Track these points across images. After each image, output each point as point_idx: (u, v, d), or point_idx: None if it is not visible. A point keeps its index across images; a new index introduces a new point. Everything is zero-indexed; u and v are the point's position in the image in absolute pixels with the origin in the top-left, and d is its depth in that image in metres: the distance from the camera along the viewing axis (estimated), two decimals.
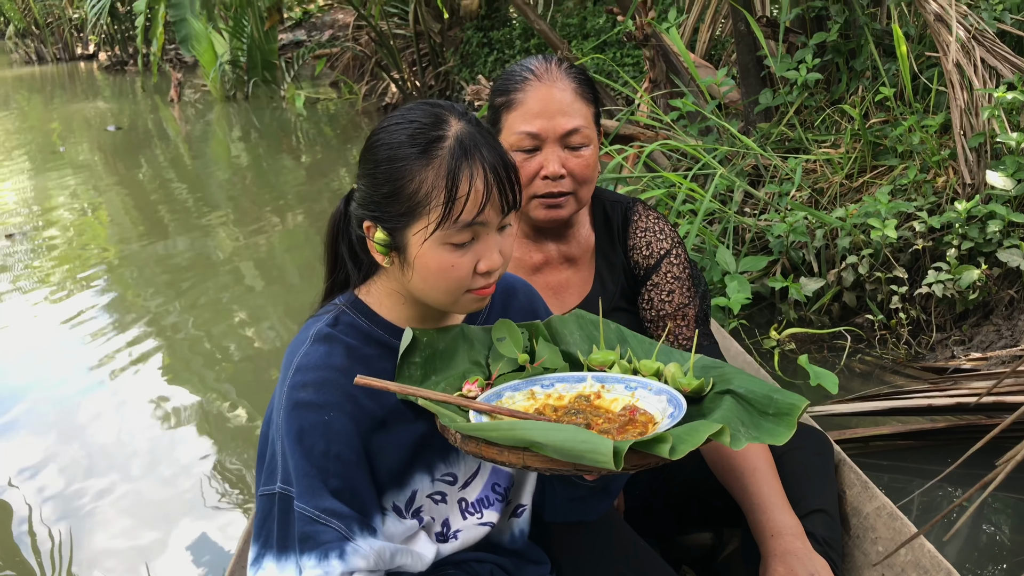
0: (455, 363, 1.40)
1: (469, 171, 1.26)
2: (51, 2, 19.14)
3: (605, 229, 1.96)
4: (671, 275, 1.91)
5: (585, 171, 1.81)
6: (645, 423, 1.26)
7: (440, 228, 1.27)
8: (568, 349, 1.46)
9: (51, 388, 3.91)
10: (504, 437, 1.14)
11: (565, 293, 1.96)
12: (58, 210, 7.21)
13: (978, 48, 3.65)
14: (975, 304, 3.37)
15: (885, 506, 1.81)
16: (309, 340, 1.36)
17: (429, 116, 1.30)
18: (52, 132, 11.34)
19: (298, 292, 4.91)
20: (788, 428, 1.21)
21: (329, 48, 12.48)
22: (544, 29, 6.04)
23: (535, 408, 1.33)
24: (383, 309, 1.41)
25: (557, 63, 1.85)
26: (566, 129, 1.79)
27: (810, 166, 4.24)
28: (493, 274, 1.32)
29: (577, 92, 1.82)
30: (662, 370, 1.37)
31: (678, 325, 1.89)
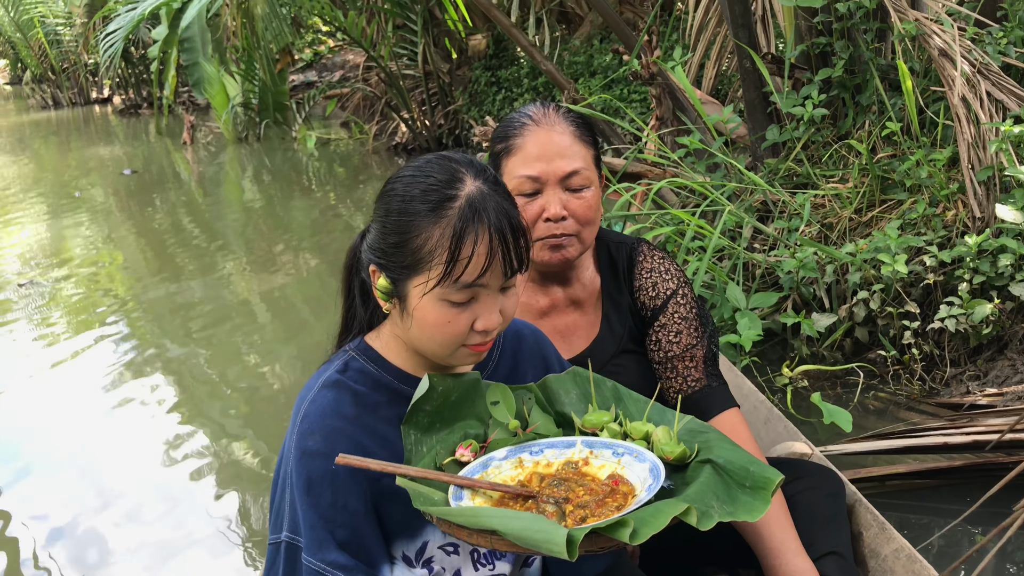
0: (461, 415, 1.41)
1: (474, 234, 1.26)
2: (67, 48, 19.45)
3: (610, 271, 1.97)
4: (678, 315, 1.91)
5: (587, 212, 1.83)
6: (626, 494, 1.27)
7: (440, 286, 1.28)
8: (563, 410, 1.47)
9: (65, 430, 3.92)
10: (469, 523, 1.16)
11: (572, 336, 1.96)
12: (73, 253, 7.28)
13: (983, 82, 3.66)
14: (989, 338, 3.34)
15: (903, 548, 1.78)
16: (318, 387, 1.38)
17: (445, 173, 1.31)
18: (68, 176, 11.47)
19: (311, 331, 4.92)
20: (763, 503, 1.23)
21: (339, 89, 12.63)
22: (550, 69, 6.10)
23: (521, 477, 1.34)
24: (392, 354, 1.42)
25: (555, 108, 1.88)
26: (566, 171, 1.81)
27: (818, 201, 4.24)
28: (491, 333, 1.33)
29: (575, 135, 1.84)
30: (651, 433, 1.38)
31: (686, 366, 1.89)
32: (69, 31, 18.97)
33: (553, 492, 1.28)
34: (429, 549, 1.39)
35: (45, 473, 3.55)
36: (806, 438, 2.31)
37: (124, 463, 3.60)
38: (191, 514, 3.18)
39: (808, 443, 2.25)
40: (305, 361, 4.53)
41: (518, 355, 1.55)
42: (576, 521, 1.22)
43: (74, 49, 19.21)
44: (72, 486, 3.41)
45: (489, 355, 1.51)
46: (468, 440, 1.37)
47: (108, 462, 3.62)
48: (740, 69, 4.82)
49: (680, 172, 4.50)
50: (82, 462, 3.61)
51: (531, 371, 1.56)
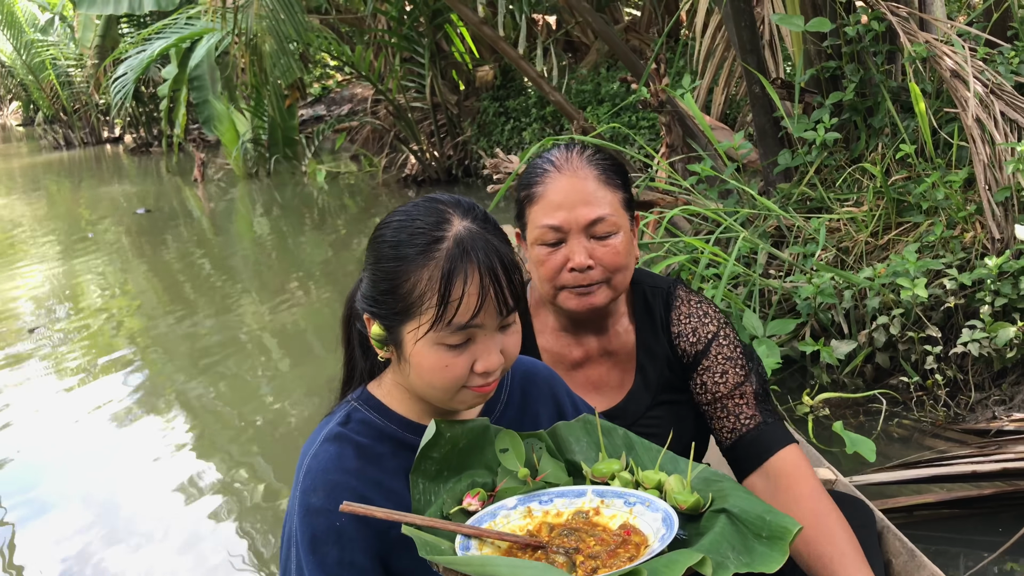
0: (470, 463, 1.37)
1: (463, 275, 1.23)
2: (78, 89, 19.68)
3: (647, 319, 1.91)
4: (722, 356, 1.84)
5: (615, 259, 1.76)
6: (639, 544, 1.23)
7: (433, 330, 1.25)
8: (573, 458, 1.43)
9: (79, 465, 3.93)
10: (477, 571, 1.13)
11: (606, 388, 1.91)
12: (87, 292, 7.30)
13: (997, 102, 3.62)
14: (1013, 362, 3.28)
15: (935, 575, 1.73)
16: (320, 441, 1.35)
17: (432, 215, 1.29)
18: (80, 216, 11.54)
19: (324, 365, 4.90)
20: (780, 553, 1.19)
21: (348, 122, 12.71)
22: (559, 100, 6.10)
23: (531, 527, 1.30)
24: (395, 403, 1.38)
25: (579, 151, 1.82)
26: (589, 219, 1.75)
27: (834, 225, 4.20)
28: (492, 374, 1.29)
29: (600, 179, 1.78)
30: (664, 482, 1.34)
31: (736, 404, 1.81)
32: (80, 72, 19.20)
33: (563, 542, 1.24)
34: None
35: (59, 507, 3.56)
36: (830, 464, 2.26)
37: (138, 497, 3.60)
38: (204, 548, 3.17)
39: (832, 469, 2.20)
40: (319, 396, 4.50)
41: (528, 396, 1.51)
42: (587, 572, 1.18)
43: (85, 90, 19.44)
44: (85, 520, 3.42)
45: (497, 396, 1.47)
46: (476, 489, 1.33)
47: (122, 496, 3.62)
48: (749, 94, 4.80)
49: (692, 199, 4.47)
50: (96, 497, 3.62)
51: (543, 411, 1.52)
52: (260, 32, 8.31)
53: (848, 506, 1.85)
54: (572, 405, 1.57)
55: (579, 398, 1.61)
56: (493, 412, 1.45)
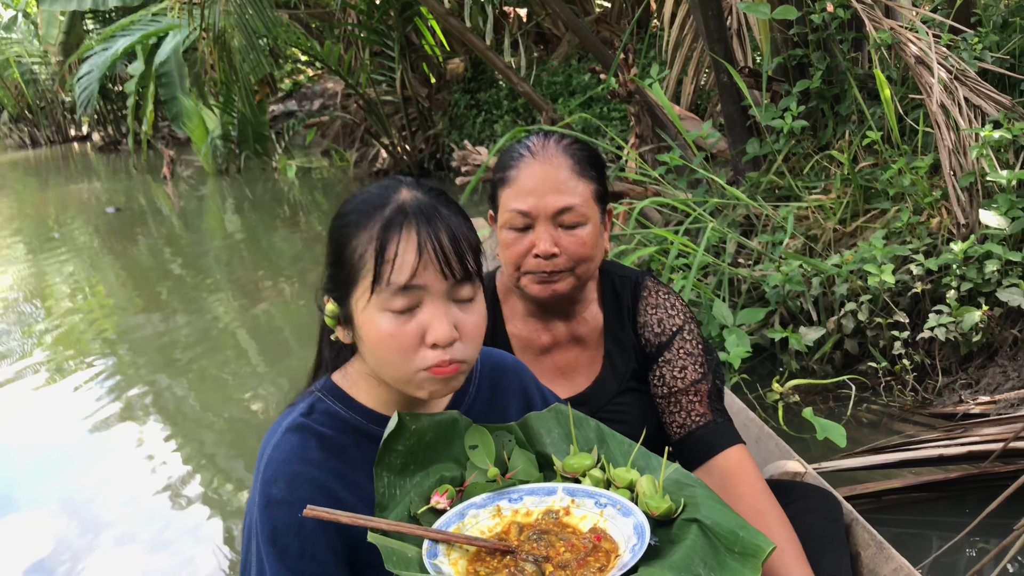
0: (437, 457, 1.34)
1: (399, 231, 1.22)
2: (43, 87, 19.40)
3: (615, 307, 1.91)
4: (683, 351, 1.85)
5: (580, 250, 1.76)
6: (609, 552, 1.21)
7: (375, 293, 1.22)
8: (544, 450, 1.41)
9: (51, 464, 3.87)
10: None
11: (574, 374, 1.91)
12: (55, 290, 7.20)
13: (961, 88, 3.65)
14: (979, 346, 3.31)
15: (902, 567, 1.73)
16: (281, 432, 1.32)
17: (381, 188, 1.29)
18: (48, 216, 11.38)
19: (299, 360, 4.86)
20: (753, 571, 1.17)
21: (319, 117, 12.62)
22: (527, 91, 6.08)
23: (500, 528, 1.28)
24: (360, 393, 1.35)
25: (557, 140, 1.82)
26: (557, 207, 1.74)
27: (802, 213, 4.21)
28: (448, 350, 1.24)
29: (574, 169, 1.77)
30: (636, 483, 1.32)
31: (690, 400, 1.82)
32: (45, 70, 18.94)
33: (532, 548, 1.22)
34: None
35: (30, 507, 3.51)
36: (799, 456, 2.26)
37: (110, 497, 3.56)
38: (179, 543, 3.14)
39: (801, 461, 2.21)
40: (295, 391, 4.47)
41: (497, 388, 1.49)
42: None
43: (50, 87, 19.18)
44: (57, 520, 3.37)
45: (466, 389, 1.45)
46: (444, 486, 1.31)
47: (94, 496, 3.57)
48: (718, 84, 4.81)
49: (662, 190, 4.47)
50: (68, 496, 3.57)
51: (512, 403, 1.50)
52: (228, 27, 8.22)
53: (816, 499, 1.85)
54: (541, 397, 1.55)
55: (548, 390, 1.59)
56: (462, 405, 1.43)
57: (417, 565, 1.18)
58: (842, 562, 1.73)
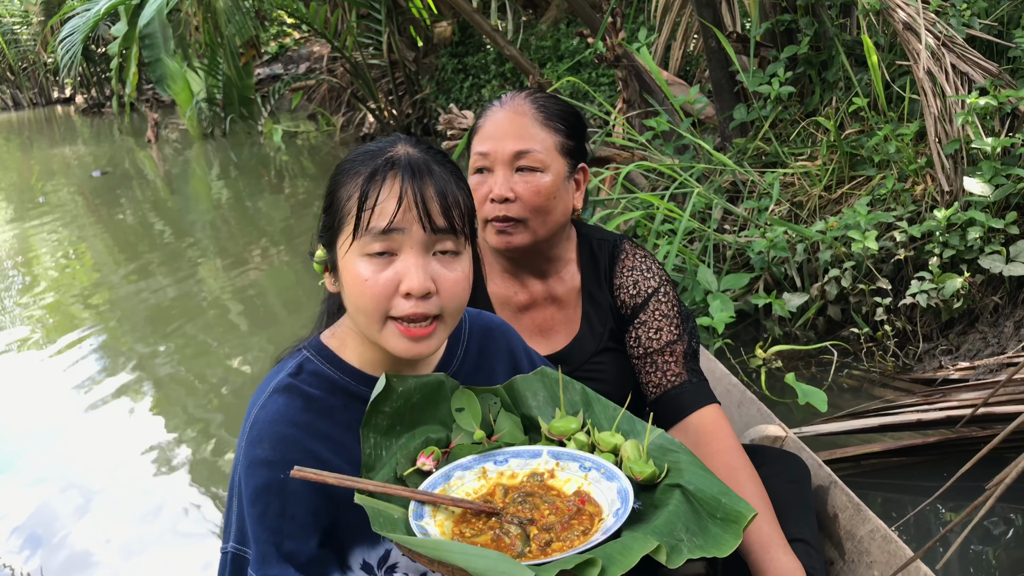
0: (423, 419, 1.35)
1: (382, 179, 1.24)
2: (25, 47, 19.11)
3: (592, 269, 1.92)
4: (659, 312, 1.87)
5: (534, 198, 1.77)
6: (592, 516, 1.22)
7: (356, 238, 1.24)
8: (530, 412, 1.42)
9: (37, 430, 3.86)
10: (431, 554, 1.11)
11: (552, 333, 1.93)
12: (41, 256, 7.14)
13: (948, 55, 3.64)
14: (960, 312, 3.34)
15: (879, 529, 1.76)
16: (268, 392, 1.32)
17: (381, 143, 1.31)
18: (32, 179, 11.27)
19: (284, 325, 4.85)
20: (735, 537, 1.18)
21: (305, 81, 12.48)
22: (514, 55, 6.03)
23: (485, 489, 1.29)
24: (348, 353, 1.36)
25: (528, 93, 1.85)
26: (515, 151, 1.77)
27: (788, 180, 4.22)
28: (422, 303, 1.24)
29: (537, 118, 1.80)
30: (620, 447, 1.33)
31: (665, 361, 1.84)
32: (26, 30, 18.65)
33: (518, 510, 1.23)
34: (393, 555, 1.34)
35: (16, 472, 3.49)
36: (780, 420, 2.29)
37: (97, 461, 3.55)
38: (165, 510, 3.14)
39: (782, 425, 2.23)
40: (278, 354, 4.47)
41: (485, 351, 1.50)
42: (540, 545, 1.17)
43: (32, 48, 18.88)
44: (46, 488, 3.36)
45: (454, 351, 1.45)
46: (430, 448, 1.31)
47: (81, 460, 3.56)
48: (706, 49, 4.78)
49: (648, 155, 4.46)
50: (56, 463, 3.56)
51: (499, 366, 1.51)
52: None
53: (783, 463, 1.88)
54: (528, 359, 1.56)
55: (535, 352, 1.60)
56: (450, 367, 1.43)
57: (403, 526, 1.19)
58: (810, 525, 1.76)
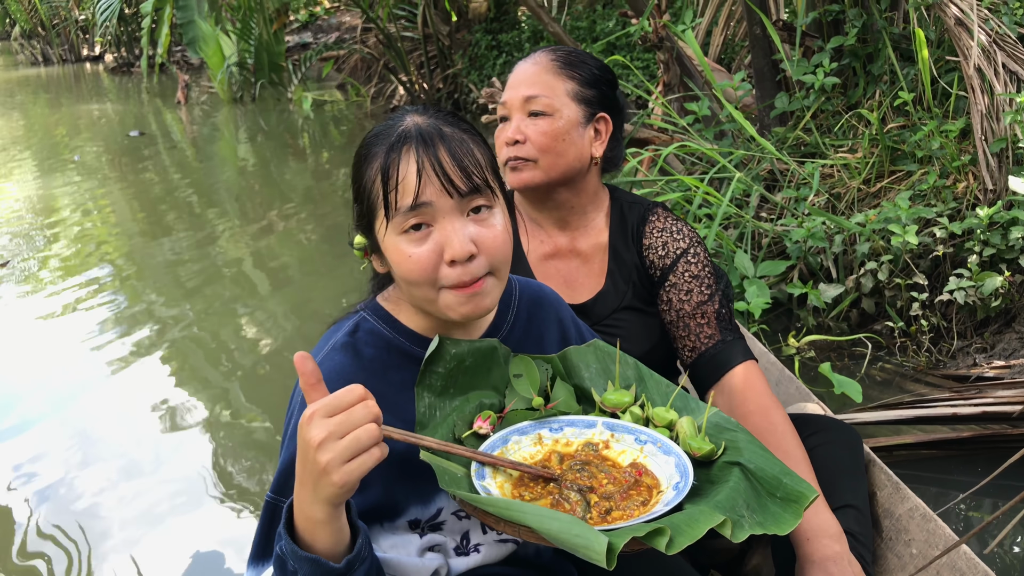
0: (477, 383, 1.36)
1: (398, 156, 1.24)
2: (57, 3, 19.14)
3: (620, 227, 1.96)
4: (688, 274, 1.89)
5: (542, 138, 1.84)
6: (651, 488, 1.23)
7: (389, 219, 1.25)
8: (582, 384, 1.43)
9: (57, 391, 3.88)
10: (502, 514, 1.12)
11: (576, 285, 1.96)
12: (65, 214, 7.18)
13: (999, 53, 3.61)
14: (997, 311, 3.32)
15: (918, 507, 1.77)
16: (328, 349, 1.34)
17: (391, 120, 1.32)
18: (62, 136, 11.32)
19: (305, 292, 4.88)
20: (794, 516, 1.18)
21: (336, 50, 12.47)
22: (558, 31, 6.01)
23: (540, 455, 1.30)
24: (402, 315, 1.38)
25: (551, 47, 1.95)
26: (525, 96, 1.86)
27: (827, 171, 4.20)
28: (467, 267, 1.25)
29: (551, 67, 1.88)
30: (675, 423, 1.33)
31: (698, 323, 1.86)
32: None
33: (576, 478, 1.24)
34: (443, 515, 1.36)
35: (36, 433, 3.51)
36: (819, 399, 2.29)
37: (116, 421, 3.57)
38: (182, 471, 3.15)
39: (820, 404, 2.23)
40: (300, 321, 4.49)
41: (533, 318, 1.51)
42: (601, 513, 1.18)
43: (64, 4, 18.91)
44: (63, 445, 3.38)
45: (504, 317, 1.46)
46: (487, 412, 1.33)
47: (100, 421, 3.58)
48: (749, 35, 4.76)
49: (687, 139, 4.45)
50: (74, 421, 3.58)
51: (548, 334, 1.52)
52: None
53: (837, 432, 1.88)
54: (576, 329, 1.57)
55: (584, 324, 1.61)
56: (500, 332, 1.44)
57: (467, 485, 1.20)
58: (860, 492, 1.77)
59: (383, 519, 1.32)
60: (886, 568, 1.75)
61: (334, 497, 1.07)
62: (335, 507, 1.10)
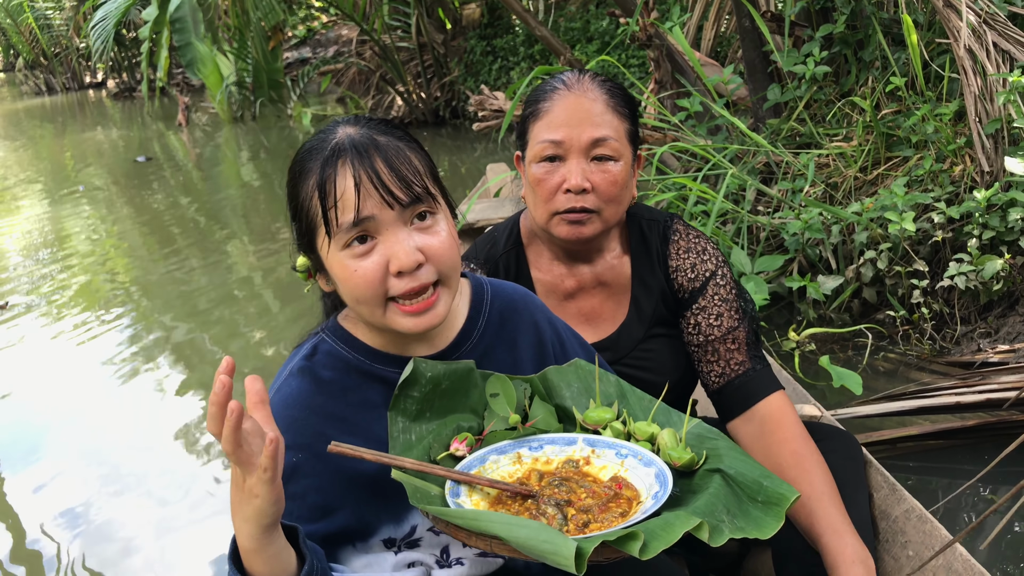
0: (453, 406, 1.34)
1: (334, 171, 1.21)
2: (58, 32, 19.30)
3: (643, 251, 1.87)
4: (718, 297, 1.82)
5: (611, 188, 1.71)
6: (630, 500, 1.21)
7: (330, 236, 1.22)
8: (564, 403, 1.41)
9: (73, 414, 3.91)
10: (470, 526, 1.10)
11: (599, 319, 1.89)
12: (74, 240, 7.23)
13: (990, 32, 3.56)
14: (999, 295, 3.28)
15: (914, 509, 1.75)
16: (286, 375, 1.33)
17: (322, 133, 1.29)
18: (67, 164, 11.39)
19: (314, 305, 4.88)
20: (776, 520, 1.17)
21: (334, 64, 12.51)
22: (545, 35, 5.99)
23: (520, 474, 1.29)
24: (361, 333, 1.36)
25: (591, 76, 1.78)
26: (592, 138, 1.70)
27: (823, 161, 4.16)
28: (416, 274, 1.23)
29: (608, 104, 1.73)
30: (657, 435, 1.31)
31: (728, 349, 1.80)
32: (59, 15, 18.83)
33: (554, 493, 1.22)
34: (418, 532, 1.35)
35: (54, 456, 3.54)
36: (816, 401, 2.27)
37: (132, 444, 3.59)
38: (192, 489, 3.17)
39: (818, 405, 2.21)
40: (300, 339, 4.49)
41: (507, 321, 1.47)
42: (578, 526, 1.16)
43: (65, 33, 19.08)
44: (80, 468, 3.41)
45: (474, 323, 1.43)
46: (463, 434, 1.31)
47: (117, 443, 3.61)
48: (739, 28, 4.72)
49: (681, 136, 4.42)
50: (90, 444, 3.61)
51: (522, 337, 1.48)
52: None
53: (837, 440, 1.85)
54: (553, 330, 1.53)
55: (561, 322, 1.57)
56: (469, 338, 1.41)
57: (440, 503, 1.19)
58: (861, 501, 1.74)
59: (354, 540, 1.31)
60: (883, 571, 1.73)
61: (257, 514, 1.06)
62: (261, 528, 1.07)
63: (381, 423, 1.31)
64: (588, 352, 1.57)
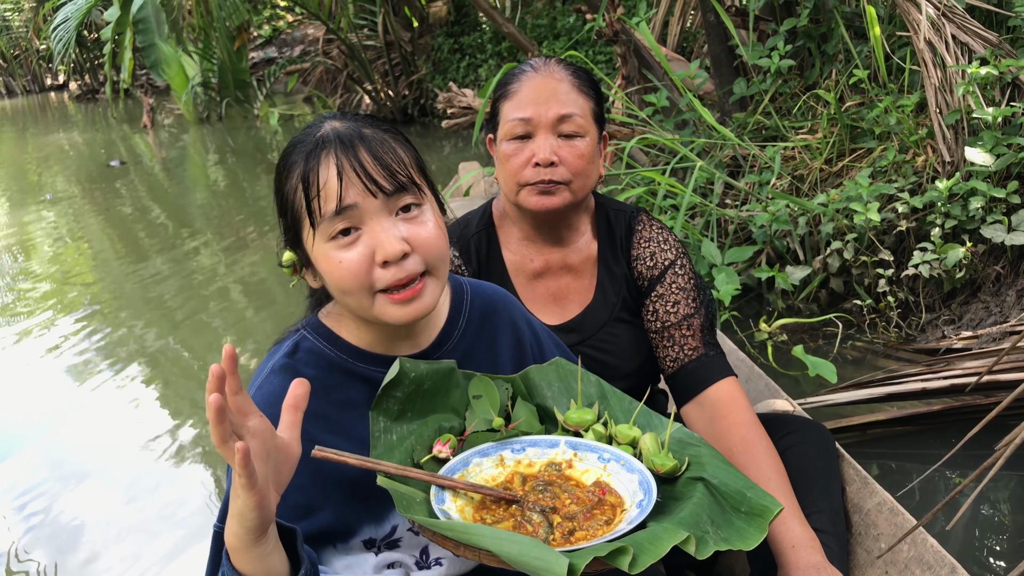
0: (435, 406, 1.34)
1: (317, 162, 1.22)
2: (16, 35, 18.99)
3: (608, 239, 1.94)
4: (676, 286, 1.88)
5: (578, 161, 1.79)
6: (615, 507, 1.22)
7: (315, 228, 1.23)
8: (544, 403, 1.41)
9: (40, 419, 3.86)
10: (460, 538, 1.10)
11: (565, 301, 1.94)
12: (38, 242, 7.14)
13: (948, 25, 3.63)
14: (962, 282, 3.35)
15: (886, 501, 1.78)
16: (266, 372, 1.32)
17: (311, 126, 1.29)
18: (29, 170, 11.22)
19: (283, 307, 4.86)
20: (759, 531, 1.17)
21: (300, 64, 12.43)
22: (512, 32, 6.01)
23: (503, 477, 1.29)
24: (343, 330, 1.36)
25: (558, 60, 1.87)
26: (559, 114, 1.78)
27: (789, 153, 4.22)
28: (403, 264, 1.23)
29: (573, 84, 1.82)
30: (638, 440, 1.32)
31: (683, 335, 1.85)
32: (18, 17, 18.52)
33: (539, 499, 1.22)
34: (398, 532, 1.35)
35: (13, 458, 3.49)
36: (787, 394, 2.31)
37: (95, 445, 3.55)
38: (163, 492, 3.14)
39: (789, 400, 2.25)
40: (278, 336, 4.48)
41: (487, 322, 1.49)
42: (564, 533, 1.17)
43: (24, 35, 18.77)
44: (48, 473, 3.36)
45: (455, 322, 1.44)
46: (446, 435, 1.31)
47: (85, 448, 3.56)
48: (704, 23, 4.77)
49: (648, 131, 4.46)
50: (57, 449, 3.56)
51: (501, 337, 1.50)
52: None
53: (810, 431, 1.89)
54: (531, 330, 1.54)
55: (538, 322, 1.59)
56: (450, 338, 1.42)
57: (426, 509, 1.18)
58: (834, 492, 1.77)
59: (335, 541, 1.31)
60: (856, 563, 1.76)
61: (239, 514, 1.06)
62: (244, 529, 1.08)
63: (363, 422, 1.30)
64: (564, 352, 1.59)
